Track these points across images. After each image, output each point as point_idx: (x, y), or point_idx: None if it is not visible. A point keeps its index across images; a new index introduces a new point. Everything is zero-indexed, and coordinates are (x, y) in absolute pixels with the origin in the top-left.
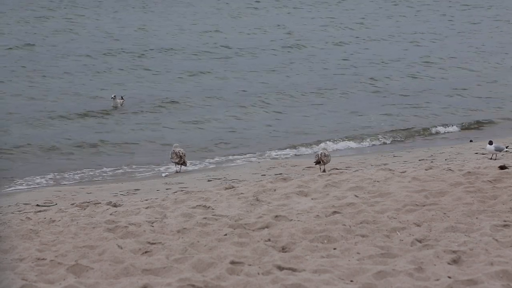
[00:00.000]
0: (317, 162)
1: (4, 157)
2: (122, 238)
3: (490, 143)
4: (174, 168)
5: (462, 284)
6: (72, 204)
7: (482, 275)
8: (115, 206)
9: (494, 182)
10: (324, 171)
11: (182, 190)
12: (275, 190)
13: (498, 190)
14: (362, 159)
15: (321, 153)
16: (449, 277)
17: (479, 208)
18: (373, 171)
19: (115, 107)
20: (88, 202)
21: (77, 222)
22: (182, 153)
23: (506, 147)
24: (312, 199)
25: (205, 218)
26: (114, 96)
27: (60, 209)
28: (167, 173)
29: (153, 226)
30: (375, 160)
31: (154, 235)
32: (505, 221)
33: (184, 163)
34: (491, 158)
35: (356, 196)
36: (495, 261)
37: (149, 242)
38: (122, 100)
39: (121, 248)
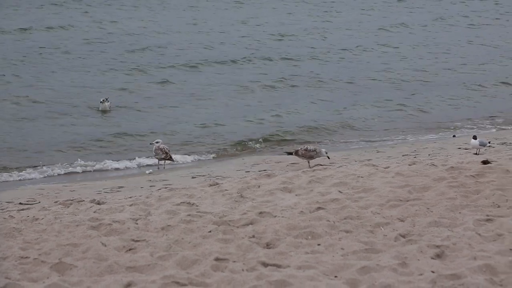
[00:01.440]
0: (290, 153)
1: None
2: (106, 235)
3: (475, 137)
4: (158, 164)
5: (446, 279)
6: (56, 202)
7: (466, 269)
8: (99, 203)
9: (477, 177)
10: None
11: (166, 187)
12: (259, 187)
13: (481, 184)
14: (345, 155)
15: (303, 147)
16: (433, 272)
17: (462, 203)
18: (357, 167)
19: (104, 111)
20: (72, 200)
21: (61, 220)
22: (167, 149)
23: (489, 142)
24: (296, 195)
25: (189, 215)
26: (103, 100)
27: (44, 207)
28: (151, 170)
29: (137, 224)
30: (358, 156)
31: (138, 233)
32: (488, 215)
33: (170, 158)
34: (476, 153)
35: (340, 191)
36: (478, 256)
37: (133, 240)
38: (109, 103)
39: (105, 245)
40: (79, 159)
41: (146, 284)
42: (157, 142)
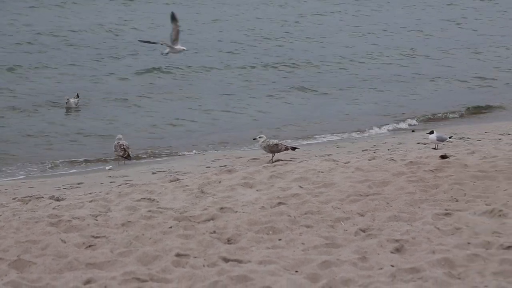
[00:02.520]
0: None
1: None
2: (65, 232)
3: (431, 132)
4: (118, 160)
5: (405, 272)
6: (14, 199)
7: (424, 263)
8: (58, 200)
9: (436, 171)
10: (271, 161)
11: (126, 183)
12: (220, 182)
13: (439, 179)
14: (306, 150)
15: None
16: (392, 266)
17: (421, 197)
18: (317, 162)
19: (70, 108)
20: (30, 197)
21: (19, 217)
22: (126, 146)
23: (450, 137)
24: (257, 190)
25: (149, 211)
26: (68, 99)
27: (1, 203)
28: (111, 166)
29: (97, 220)
30: (319, 151)
31: (98, 229)
32: (446, 209)
33: (128, 156)
34: (434, 148)
35: (300, 187)
36: (437, 249)
37: (93, 236)
38: (77, 99)
39: (65, 242)
40: (39, 156)
41: (106, 280)
42: (119, 139)
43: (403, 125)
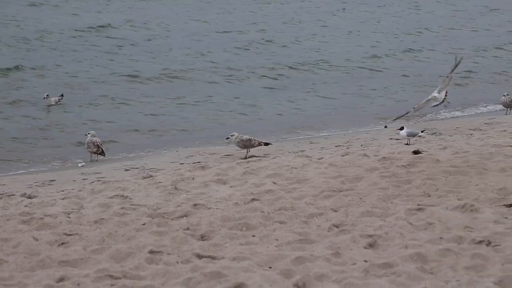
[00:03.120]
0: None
1: None
2: (37, 230)
3: (402, 128)
4: (90, 157)
5: (378, 268)
6: None
7: (397, 258)
8: (30, 197)
9: (408, 166)
10: (245, 157)
11: (99, 180)
12: (193, 179)
13: (412, 174)
14: (280, 146)
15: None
16: (365, 261)
17: (394, 193)
18: (290, 158)
19: (49, 106)
20: (2, 194)
21: None
22: (99, 142)
23: (422, 131)
24: (230, 186)
25: (122, 208)
26: (47, 95)
27: None
28: (83, 163)
29: (69, 217)
30: (292, 147)
31: (70, 226)
32: (418, 204)
33: (102, 153)
34: (407, 143)
35: (274, 183)
36: (410, 244)
37: (65, 234)
38: (58, 98)
39: (37, 240)
40: (11, 153)
41: (79, 278)
42: (92, 136)
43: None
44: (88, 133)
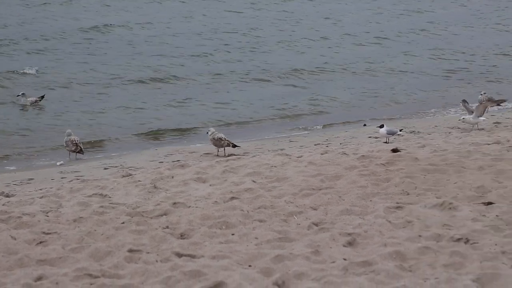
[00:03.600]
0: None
1: None
2: (15, 228)
3: (381, 126)
4: (69, 156)
5: (357, 266)
6: None
7: (376, 256)
8: (7, 196)
9: (387, 165)
10: (217, 155)
11: (78, 179)
12: (173, 177)
13: (390, 172)
14: (259, 145)
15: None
16: (345, 259)
17: (373, 191)
18: (270, 156)
19: (24, 105)
20: None
21: None
22: (78, 141)
23: (400, 130)
24: (210, 185)
25: (101, 206)
26: (23, 93)
27: None
28: (62, 162)
29: (48, 216)
30: (272, 146)
31: (49, 225)
32: (397, 203)
33: (81, 151)
34: (386, 142)
35: (253, 181)
36: (389, 242)
37: (44, 232)
38: (36, 99)
39: (15, 239)
40: None
41: (58, 277)
42: (69, 135)
43: None
44: (66, 132)
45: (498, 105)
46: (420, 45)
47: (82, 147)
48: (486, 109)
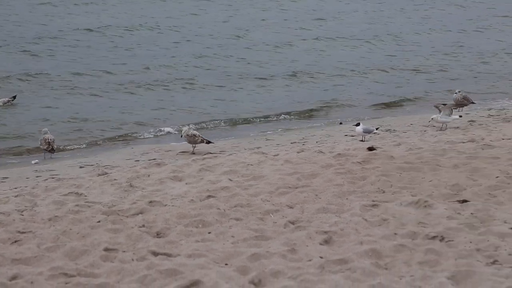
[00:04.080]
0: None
1: None
2: None
3: (358, 124)
4: (44, 154)
5: (334, 264)
6: None
7: (352, 254)
8: None
9: (363, 163)
10: (193, 152)
11: (53, 178)
12: (149, 176)
13: (366, 171)
14: (235, 143)
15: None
16: (321, 257)
17: (349, 189)
18: (246, 155)
19: None
20: None
21: None
22: (51, 140)
23: (376, 129)
24: (186, 183)
25: (77, 205)
26: None
27: None
28: (37, 161)
29: (22, 215)
30: (248, 144)
31: (24, 224)
32: (373, 201)
33: (52, 150)
34: (361, 140)
35: (230, 179)
36: (365, 240)
37: (19, 231)
38: (9, 99)
39: None
40: None
41: (33, 276)
42: (45, 133)
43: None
44: (42, 130)
45: (460, 106)
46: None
47: (54, 146)
48: (458, 109)
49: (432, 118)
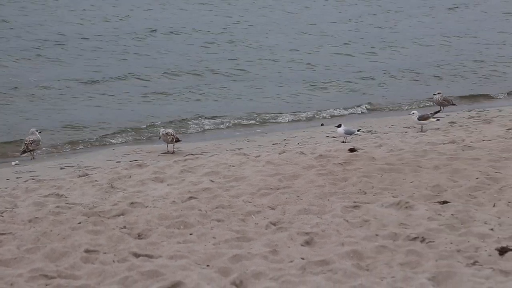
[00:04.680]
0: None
1: None
2: None
3: (339, 126)
4: (31, 155)
5: (315, 265)
6: None
7: (334, 255)
8: None
9: (345, 164)
10: (173, 152)
11: (33, 179)
12: (130, 177)
13: (348, 172)
14: (217, 144)
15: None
16: (302, 259)
17: (330, 190)
18: (228, 156)
19: None
20: None
21: None
22: (27, 141)
23: (358, 130)
24: (168, 185)
25: (58, 206)
26: None
27: None
28: (17, 162)
29: (2, 216)
30: (230, 145)
31: (4, 225)
32: (355, 202)
33: (25, 151)
34: (343, 141)
35: (211, 181)
36: (346, 242)
37: None
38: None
39: None
40: None
41: (13, 277)
42: (31, 133)
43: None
44: (30, 131)
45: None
46: None
47: (29, 148)
48: (440, 110)
49: (413, 113)
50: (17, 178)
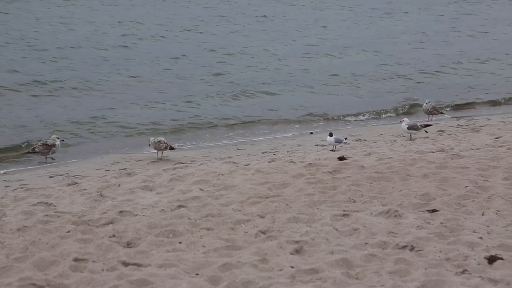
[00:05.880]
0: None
1: None
2: None
3: (331, 135)
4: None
5: (304, 273)
6: None
7: (323, 263)
8: None
9: (334, 173)
10: (160, 159)
11: (22, 187)
12: (119, 185)
13: (337, 180)
14: (206, 153)
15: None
16: (292, 267)
17: (320, 199)
18: (217, 164)
19: None
20: None
21: None
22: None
23: (345, 139)
24: (157, 193)
25: (46, 215)
26: None
27: None
28: (5, 170)
29: None
30: (219, 154)
31: None
32: (344, 210)
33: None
34: (332, 150)
35: (201, 189)
36: (335, 250)
37: None
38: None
39: None
40: None
41: (2, 287)
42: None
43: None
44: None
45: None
46: None
47: (36, 149)
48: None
49: (403, 120)
50: (6, 186)
